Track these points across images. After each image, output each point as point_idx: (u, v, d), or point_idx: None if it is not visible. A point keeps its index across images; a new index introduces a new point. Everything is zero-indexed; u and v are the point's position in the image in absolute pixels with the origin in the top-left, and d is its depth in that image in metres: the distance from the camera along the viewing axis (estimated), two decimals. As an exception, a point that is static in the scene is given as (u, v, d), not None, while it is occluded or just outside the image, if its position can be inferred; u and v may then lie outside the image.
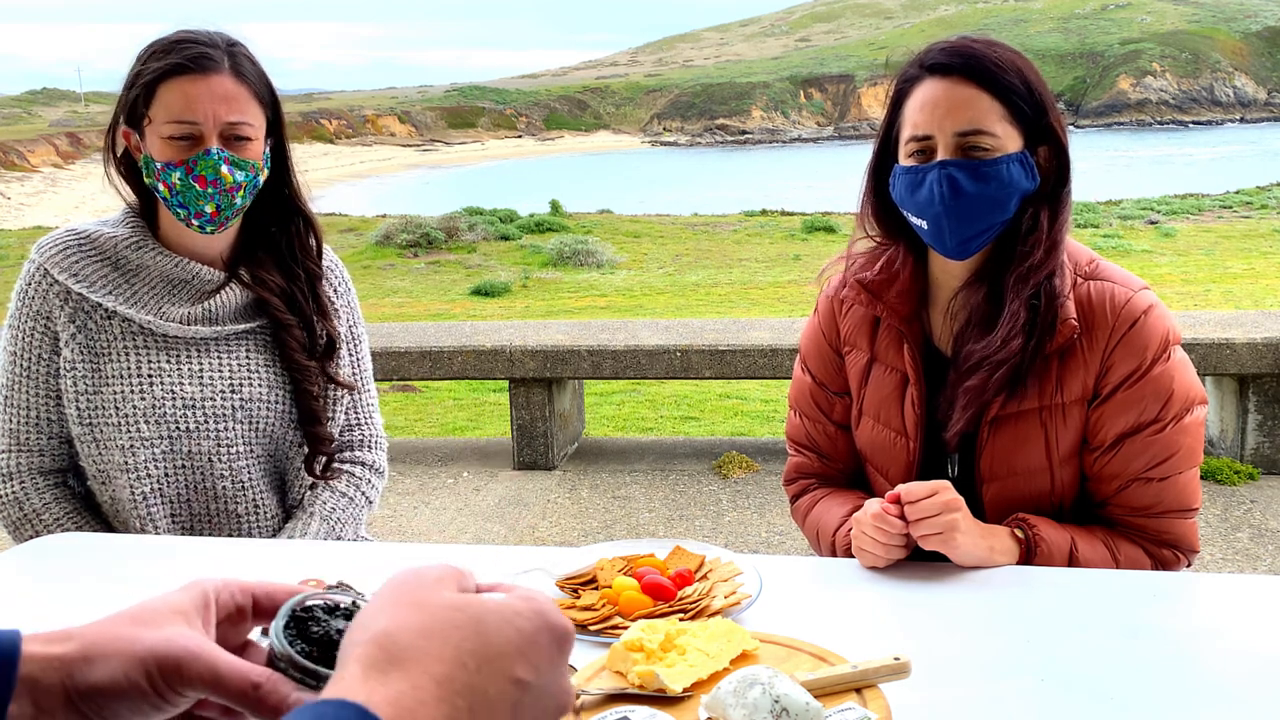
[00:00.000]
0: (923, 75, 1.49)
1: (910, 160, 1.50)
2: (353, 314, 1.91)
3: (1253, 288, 11.04)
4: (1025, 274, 1.48)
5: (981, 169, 1.45)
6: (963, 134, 1.46)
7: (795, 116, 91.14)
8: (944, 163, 1.46)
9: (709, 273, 14.25)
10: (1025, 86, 1.47)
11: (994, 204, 1.47)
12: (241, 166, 1.65)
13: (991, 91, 1.46)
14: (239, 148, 1.65)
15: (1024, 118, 1.47)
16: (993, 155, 1.46)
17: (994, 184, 1.46)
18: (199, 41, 1.64)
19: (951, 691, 1.12)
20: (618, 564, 1.42)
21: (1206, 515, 3.91)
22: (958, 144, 1.46)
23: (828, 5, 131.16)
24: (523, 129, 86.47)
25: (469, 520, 4.22)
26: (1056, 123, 1.50)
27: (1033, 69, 1.50)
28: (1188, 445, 1.49)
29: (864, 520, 1.45)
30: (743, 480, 4.54)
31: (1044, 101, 1.49)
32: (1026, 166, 1.48)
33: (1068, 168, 1.52)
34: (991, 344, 1.49)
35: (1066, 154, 1.51)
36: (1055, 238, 1.49)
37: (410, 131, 79.12)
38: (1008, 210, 1.49)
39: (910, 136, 1.50)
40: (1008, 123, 1.46)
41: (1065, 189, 1.52)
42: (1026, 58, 1.51)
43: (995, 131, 1.46)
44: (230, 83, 1.64)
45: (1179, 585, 1.43)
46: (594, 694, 1.11)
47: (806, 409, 1.75)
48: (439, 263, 15.30)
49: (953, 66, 1.47)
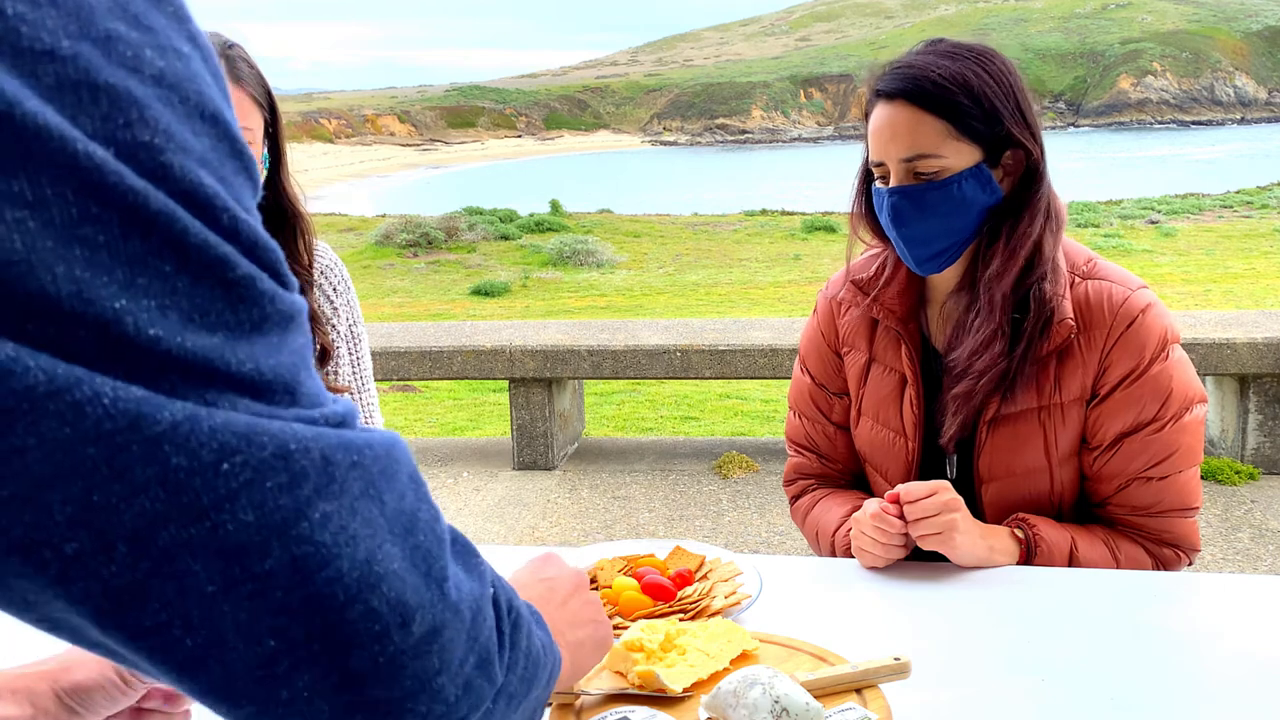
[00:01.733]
0: (876, 99, 1.50)
1: (878, 183, 1.52)
2: (352, 313, 1.91)
3: (1253, 288, 11.05)
4: (988, 283, 1.47)
5: (928, 194, 1.45)
6: (908, 159, 1.45)
7: (795, 116, 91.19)
8: (892, 190, 1.47)
9: (709, 273, 14.25)
10: (972, 99, 1.43)
11: (946, 224, 1.47)
12: None
13: (935, 112, 1.43)
14: None
15: (976, 131, 1.45)
16: (942, 176, 1.45)
17: (944, 206, 1.45)
18: None
19: (951, 691, 1.12)
20: (618, 564, 1.42)
21: (1207, 515, 3.91)
22: (906, 169, 1.46)
23: (828, 5, 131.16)
24: (523, 129, 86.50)
25: (469, 520, 4.22)
26: (1016, 127, 1.45)
27: (987, 76, 1.45)
28: (1187, 444, 1.49)
29: (863, 520, 1.45)
30: (743, 480, 4.54)
31: (997, 109, 1.44)
32: (982, 180, 1.46)
33: (1037, 170, 1.48)
34: (963, 353, 1.50)
35: (1035, 155, 1.48)
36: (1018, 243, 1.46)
37: (410, 131, 79.16)
38: (967, 226, 1.48)
39: (870, 162, 1.52)
40: (956, 140, 1.44)
41: (1037, 192, 1.48)
42: (989, 61, 1.46)
43: (941, 153, 1.44)
44: (230, 86, 1.64)
45: (1179, 585, 1.43)
46: (594, 694, 1.11)
47: (806, 410, 1.75)
48: (439, 263, 15.30)
49: (895, 91, 1.46)
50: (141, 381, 0.41)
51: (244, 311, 0.45)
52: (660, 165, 60.29)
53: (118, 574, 0.42)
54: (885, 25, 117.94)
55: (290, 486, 0.45)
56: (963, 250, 1.51)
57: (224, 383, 0.44)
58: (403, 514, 0.50)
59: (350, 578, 0.46)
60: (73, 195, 0.40)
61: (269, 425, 0.45)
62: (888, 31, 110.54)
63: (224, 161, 0.46)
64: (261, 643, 0.45)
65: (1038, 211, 1.48)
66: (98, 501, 0.41)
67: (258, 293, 0.45)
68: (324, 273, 1.86)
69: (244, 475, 0.43)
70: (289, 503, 0.45)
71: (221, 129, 0.46)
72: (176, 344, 0.42)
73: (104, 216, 0.40)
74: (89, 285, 0.40)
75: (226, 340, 0.44)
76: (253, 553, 0.44)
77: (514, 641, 0.60)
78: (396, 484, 0.51)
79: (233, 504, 0.43)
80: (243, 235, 0.45)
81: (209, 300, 0.44)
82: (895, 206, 1.47)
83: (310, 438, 0.46)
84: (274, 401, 0.46)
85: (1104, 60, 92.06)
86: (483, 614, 0.55)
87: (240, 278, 0.45)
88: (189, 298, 0.43)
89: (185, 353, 0.43)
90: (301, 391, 0.48)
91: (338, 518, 0.47)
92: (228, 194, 0.45)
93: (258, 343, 0.45)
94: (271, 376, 0.46)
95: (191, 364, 0.43)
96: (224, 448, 0.43)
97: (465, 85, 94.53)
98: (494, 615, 0.57)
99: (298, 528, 0.45)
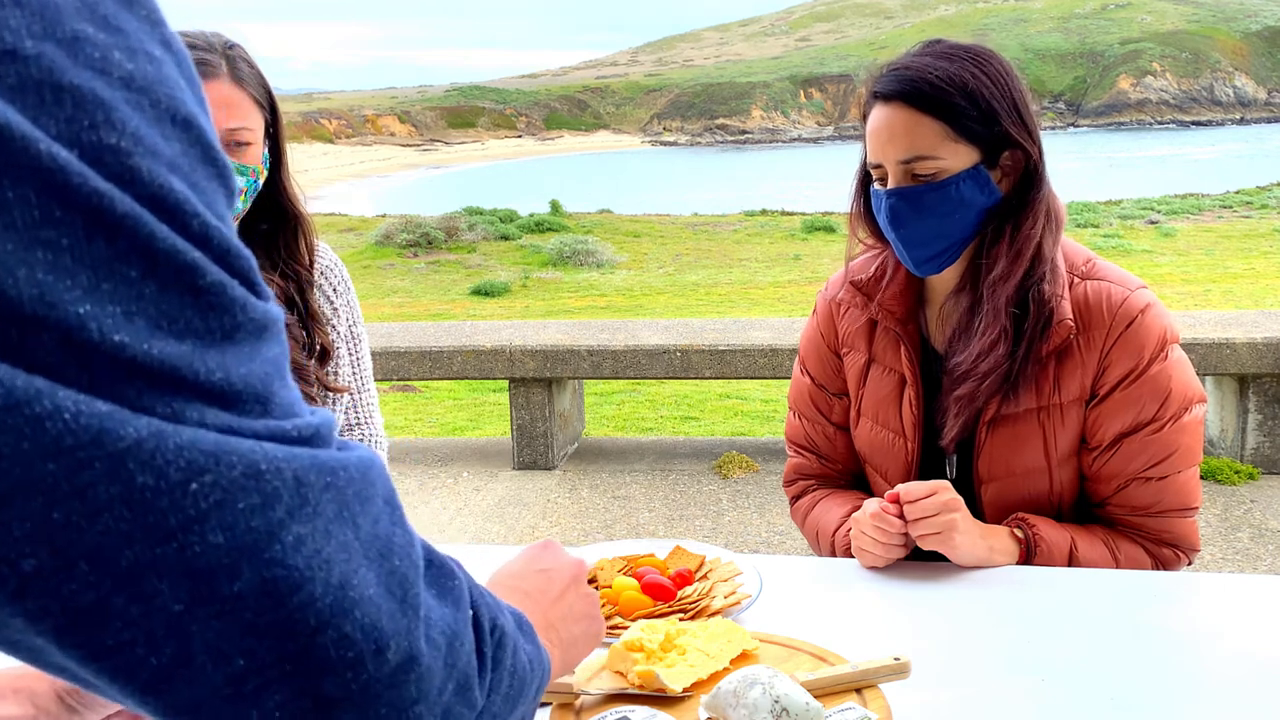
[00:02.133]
0: (874, 101, 1.50)
1: (876, 184, 1.52)
2: (352, 313, 1.91)
3: (1253, 287, 11.05)
4: (993, 285, 1.47)
5: (926, 195, 1.45)
6: (905, 161, 1.46)
7: (795, 116, 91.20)
8: (889, 192, 1.47)
9: (709, 273, 14.25)
10: (969, 101, 1.43)
11: (944, 225, 1.47)
12: (242, 172, 1.65)
13: (932, 113, 1.44)
14: (239, 153, 1.65)
15: (973, 132, 1.44)
16: (939, 178, 1.45)
17: (942, 207, 1.45)
18: (197, 46, 1.63)
19: (951, 691, 1.12)
20: (618, 564, 1.42)
21: (1206, 515, 3.91)
22: (903, 171, 1.46)
23: (828, 5, 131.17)
24: (523, 129, 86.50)
25: (469, 520, 4.22)
26: (1013, 128, 1.45)
27: (984, 77, 1.45)
28: (1186, 444, 1.49)
29: (862, 520, 1.45)
30: (743, 480, 4.54)
31: (994, 110, 1.44)
32: (980, 181, 1.46)
33: (1036, 170, 1.48)
34: (968, 356, 1.50)
35: (1034, 156, 1.47)
36: (1022, 245, 1.46)
37: (410, 131, 79.16)
38: (966, 227, 1.48)
39: (868, 163, 1.52)
40: (954, 141, 1.44)
41: (1037, 192, 1.48)
42: (986, 62, 1.46)
43: (938, 154, 1.44)
44: (229, 88, 1.63)
45: (1179, 585, 1.43)
46: (594, 694, 1.11)
47: (806, 410, 1.75)
48: (439, 263, 15.30)
49: (891, 93, 1.46)
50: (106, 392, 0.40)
51: (214, 319, 0.44)
52: (660, 165, 60.30)
53: (78, 592, 0.41)
54: (885, 25, 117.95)
55: (262, 508, 0.44)
56: (961, 251, 1.51)
57: (192, 391, 0.43)
58: (378, 538, 0.49)
59: (323, 602, 0.45)
60: (35, 197, 0.39)
61: (239, 445, 0.43)
62: (887, 32, 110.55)
63: (195, 167, 0.45)
64: (230, 662, 0.44)
65: (1039, 212, 1.47)
66: (58, 519, 0.39)
67: (228, 300, 0.45)
68: (324, 273, 1.86)
69: (214, 496, 0.42)
70: (260, 524, 0.44)
71: (194, 134, 0.45)
72: (143, 351, 0.41)
73: (67, 219, 0.39)
74: (51, 289, 0.39)
75: (195, 348, 0.43)
76: (222, 574, 0.43)
77: (497, 661, 0.59)
78: (371, 507, 0.49)
79: (202, 525, 0.42)
80: (213, 241, 0.44)
81: (177, 307, 0.43)
82: (893, 208, 1.47)
83: (282, 458, 0.45)
84: (245, 412, 0.45)
85: (1104, 60, 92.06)
86: (459, 639, 0.54)
87: (210, 284, 0.44)
88: (156, 304, 0.42)
89: (152, 360, 0.42)
90: (275, 402, 0.46)
91: (311, 541, 0.45)
92: (198, 200, 0.44)
93: (228, 351, 0.44)
94: (242, 386, 0.45)
95: (158, 371, 0.42)
96: (192, 466, 0.42)
97: (465, 85, 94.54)
98: (474, 639, 0.56)
99: (270, 550, 0.44)
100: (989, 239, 1.49)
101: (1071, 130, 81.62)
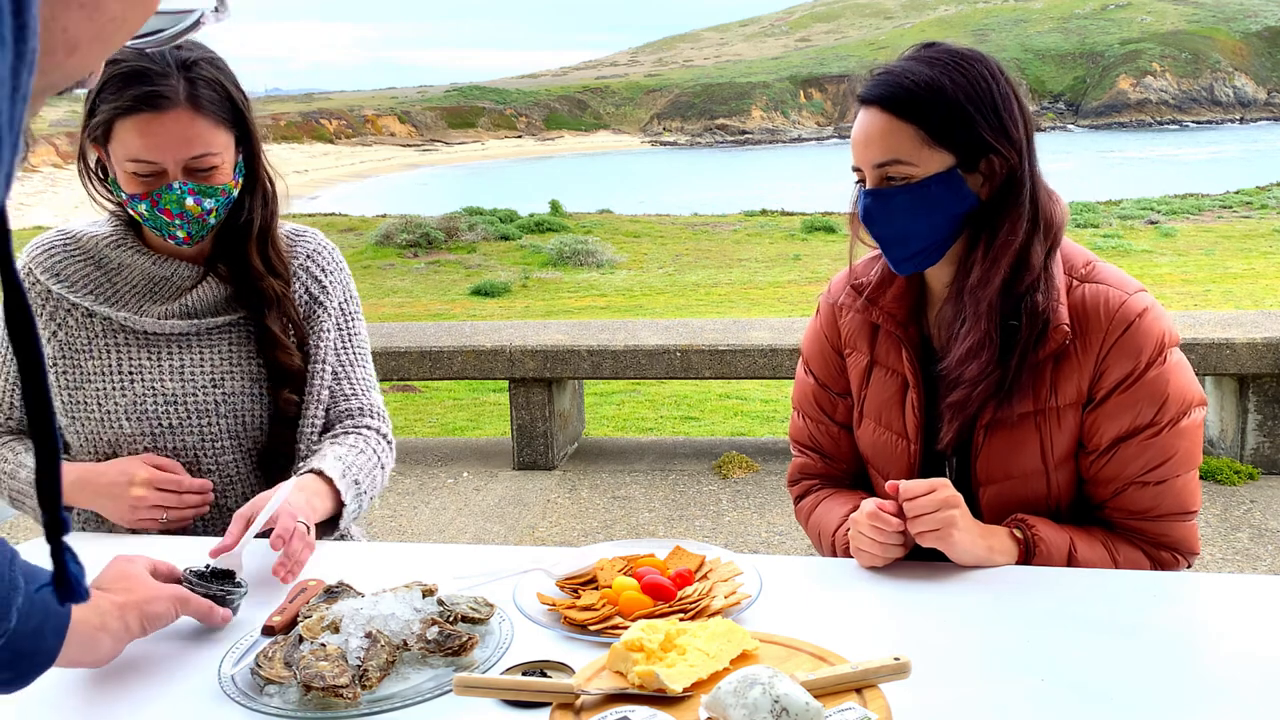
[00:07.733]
0: (858, 104, 1.53)
1: (856, 184, 1.55)
2: (345, 290, 1.90)
3: (1253, 288, 11.05)
4: (972, 291, 1.48)
5: (896, 197, 1.47)
6: (880, 165, 1.48)
7: (795, 116, 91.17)
8: (865, 192, 1.51)
9: (709, 273, 14.25)
10: (946, 106, 1.44)
11: (914, 226, 1.48)
12: (210, 194, 1.64)
13: (906, 118, 1.45)
14: (205, 177, 1.63)
15: (949, 138, 1.45)
16: (911, 182, 1.46)
17: (912, 209, 1.47)
18: (151, 72, 1.57)
19: (951, 691, 1.12)
20: (618, 564, 1.42)
21: (1206, 515, 3.91)
22: (879, 174, 1.49)
23: (828, 5, 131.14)
24: (523, 129, 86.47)
25: (469, 520, 4.22)
26: (991, 134, 1.44)
27: (964, 82, 1.44)
28: (1185, 448, 1.49)
29: (860, 520, 1.45)
30: (743, 480, 4.54)
31: (971, 116, 1.44)
32: (954, 186, 1.46)
33: (1019, 176, 1.47)
34: (951, 360, 1.50)
35: (1013, 162, 1.46)
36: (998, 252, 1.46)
37: (410, 131, 79.13)
38: (939, 230, 1.49)
39: (851, 165, 1.54)
40: (930, 148, 1.45)
41: (1017, 199, 1.46)
42: (970, 67, 1.46)
43: (912, 160, 1.45)
44: (188, 117, 1.59)
45: (1179, 585, 1.43)
46: (594, 694, 1.11)
47: (809, 410, 1.75)
48: (439, 263, 15.30)
49: (871, 98, 1.49)
50: None
51: None
52: (660, 165, 60.30)
53: None
54: (885, 26, 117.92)
55: None
56: (942, 253, 1.52)
57: None
58: None
59: None
60: None
61: None
62: (887, 32, 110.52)
63: None
64: None
65: (1020, 219, 1.46)
66: None
67: None
68: (311, 256, 1.86)
69: None
70: None
71: None
72: None
73: None
74: None
75: None
76: None
77: None
78: None
79: None
80: None
81: None
82: (867, 209, 1.51)
83: None
84: None
85: (1103, 61, 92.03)
86: None
87: None
88: None
89: None
90: None
91: None
92: None
93: None
94: None
95: None
96: None
97: (465, 85, 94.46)
98: None
99: None
100: (968, 244, 1.50)
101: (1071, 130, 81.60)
